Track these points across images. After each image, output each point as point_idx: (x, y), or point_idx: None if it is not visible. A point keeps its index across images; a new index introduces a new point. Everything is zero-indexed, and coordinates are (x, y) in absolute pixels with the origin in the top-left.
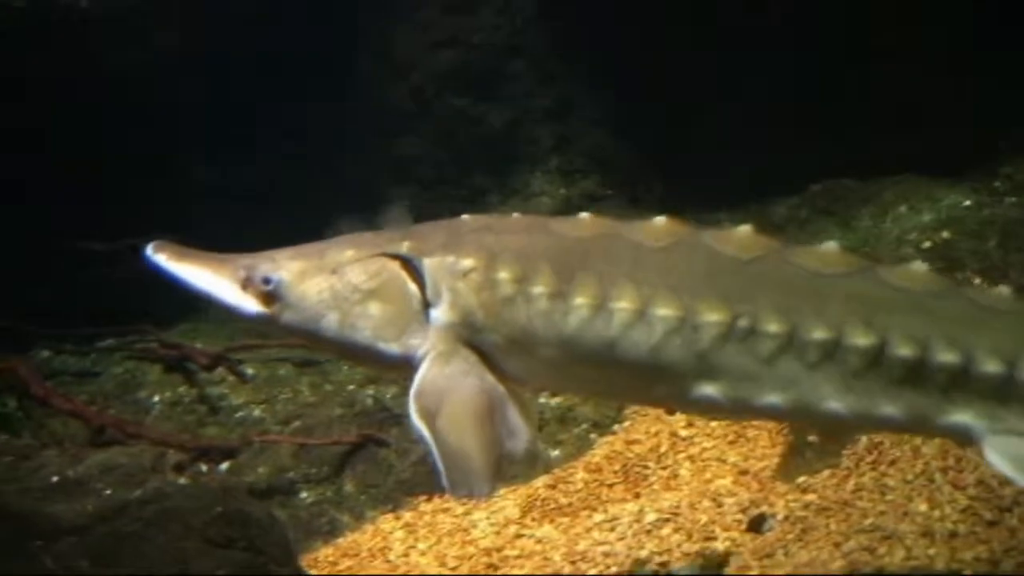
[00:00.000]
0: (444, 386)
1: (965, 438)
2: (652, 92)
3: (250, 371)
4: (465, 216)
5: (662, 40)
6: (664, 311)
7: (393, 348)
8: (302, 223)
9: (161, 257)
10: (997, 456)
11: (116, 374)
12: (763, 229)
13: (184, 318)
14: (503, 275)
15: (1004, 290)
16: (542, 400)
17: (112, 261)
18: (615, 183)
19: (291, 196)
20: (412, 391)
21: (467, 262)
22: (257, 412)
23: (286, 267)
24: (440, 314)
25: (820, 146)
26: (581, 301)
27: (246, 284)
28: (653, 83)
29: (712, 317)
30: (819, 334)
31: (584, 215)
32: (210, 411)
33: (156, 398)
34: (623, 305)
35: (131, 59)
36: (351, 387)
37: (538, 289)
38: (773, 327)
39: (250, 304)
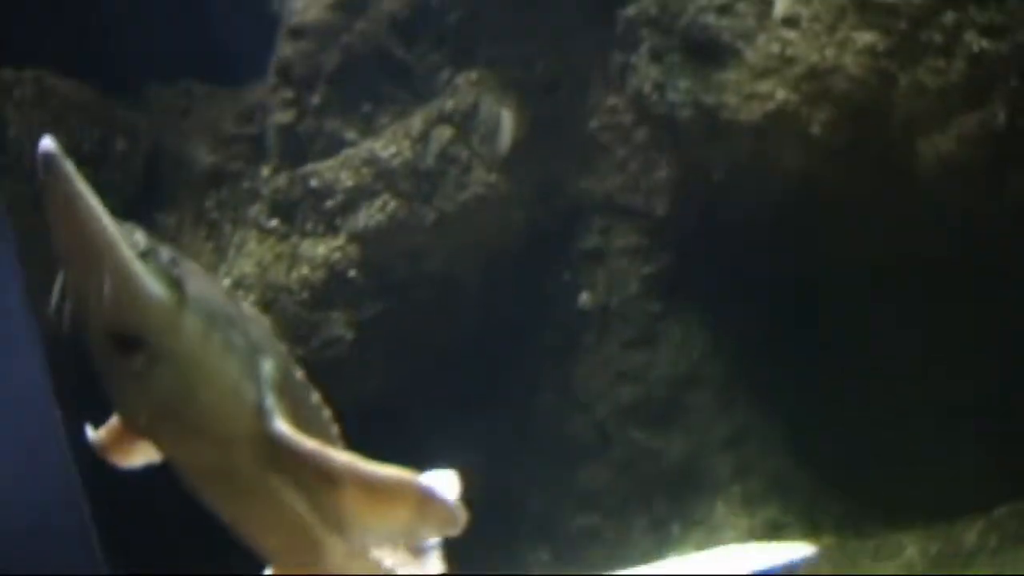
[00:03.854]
0: None
1: None
2: (829, 416)
3: None
4: None
5: (836, 368)
6: None
7: None
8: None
9: None
10: None
11: None
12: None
13: None
14: None
15: None
16: None
17: None
18: (796, 509)
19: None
20: None
21: None
22: None
23: None
24: None
25: (1009, 462)
26: None
27: None
28: (830, 405)
29: None
30: None
31: None
32: None
33: None
34: None
35: None
36: None
37: None
38: None
39: None
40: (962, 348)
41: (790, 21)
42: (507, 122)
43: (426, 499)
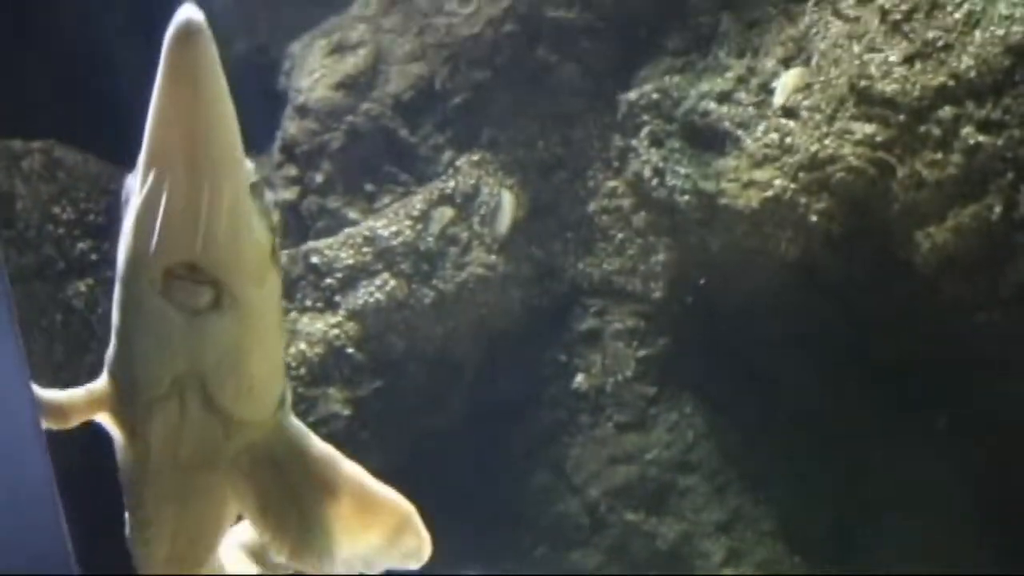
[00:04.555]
0: None
1: None
2: (822, 503)
3: None
4: None
5: (830, 457)
6: None
7: None
8: None
9: None
10: None
11: None
12: None
13: None
14: None
15: None
16: None
17: None
18: None
19: None
20: None
21: None
22: None
23: None
24: None
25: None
26: None
27: None
28: (823, 493)
29: None
30: None
31: None
32: None
33: None
34: None
35: None
36: None
37: None
38: None
39: None
40: (960, 439)
41: (790, 110)
42: (507, 203)
43: (408, 525)
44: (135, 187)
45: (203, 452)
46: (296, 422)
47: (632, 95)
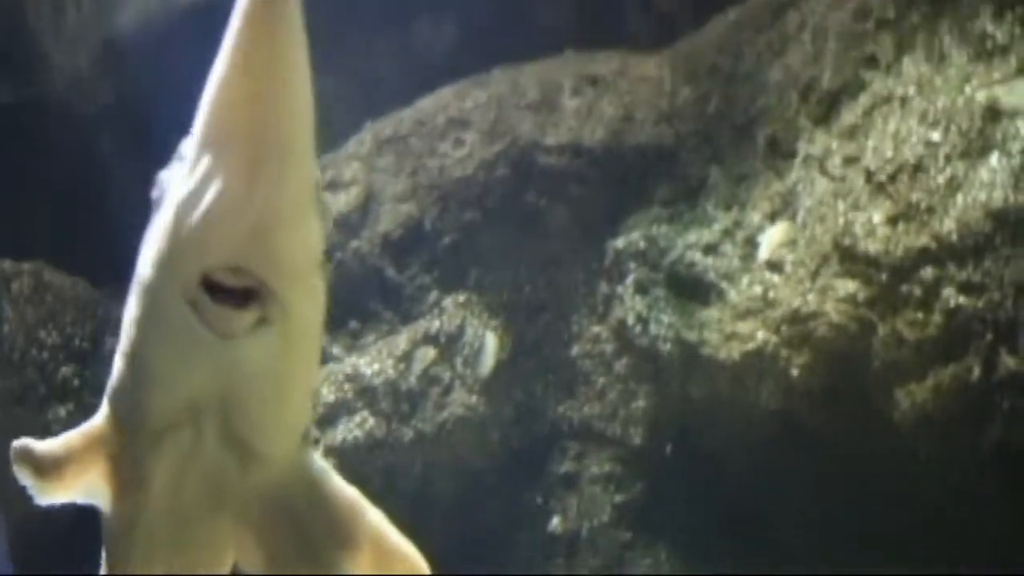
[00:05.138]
0: None
1: None
2: None
3: None
4: None
5: None
6: None
7: None
8: None
9: None
10: None
11: None
12: None
13: None
14: None
15: None
16: None
17: None
18: None
19: None
20: None
21: None
22: None
23: None
24: None
25: None
26: None
27: None
28: None
29: None
30: None
31: None
32: None
33: None
34: None
35: None
36: None
37: None
38: None
39: None
40: None
41: (774, 265)
42: (491, 344)
43: None
44: (178, 174)
45: (211, 494)
46: (319, 459)
47: (619, 243)
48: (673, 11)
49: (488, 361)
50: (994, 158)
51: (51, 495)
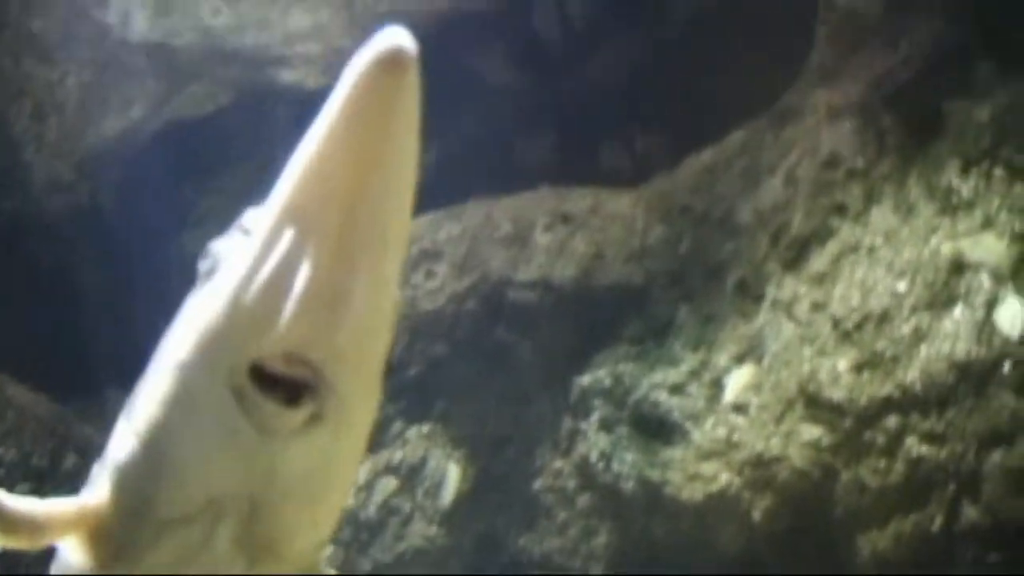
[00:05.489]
0: None
1: None
2: None
3: None
4: None
5: None
6: None
7: None
8: None
9: None
10: None
11: None
12: None
13: None
14: None
15: None
16: None
17: None
18: None
19: None
20: None
21: None
22: None
23: None
24: None
25: None
26: None
27: None
28: None
29: None
30: None
31: None
32: None
33: None
34: None
35: None
36: None
37: None
38: None
39: None
40: None
41: (739, 407)
42: (453, 476)
43: None
44: (239, 246)
45: None
46: (327, 568)
47: (585, 379)
48: (650, 150)
49: (449, 492)
50: (958, 310)
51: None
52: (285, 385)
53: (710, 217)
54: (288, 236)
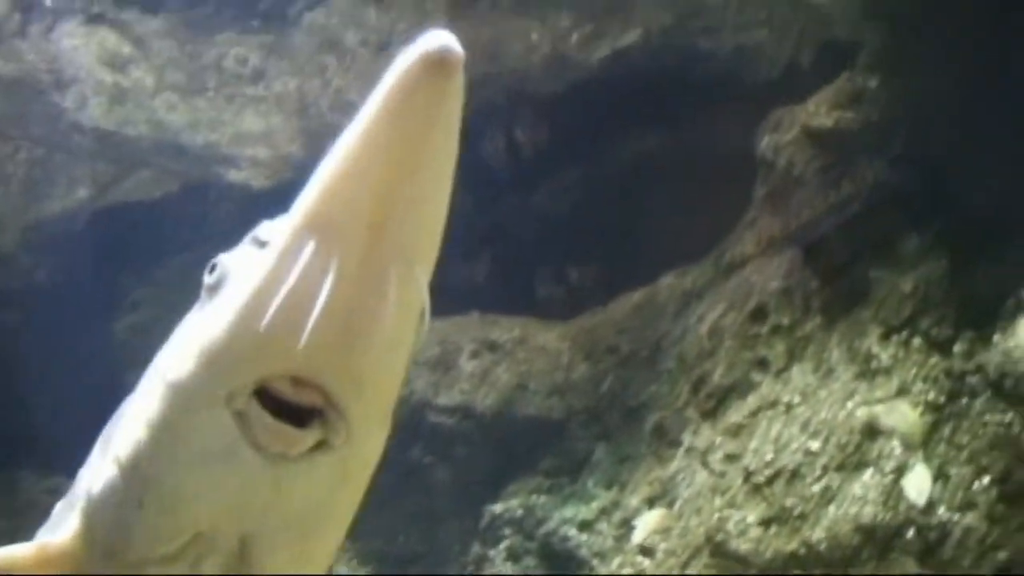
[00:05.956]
0: None
1: None
2: None
3: None
4: None
5: None
6: None
7: None
8: None
9: None
10: None
11: None
12: None
13: None
14: None
15: None
16: None
17: None
18: None
19: None
20: None
21: None
22: None
23: None
24: None
25: None
26: None
27: None
28: None
29: None
30: None
31: None
32: None
33: None
34: None
35: None
36: None
37: None
38: None
39: None
40: None
41: (646, 550)
42: None
43: None
44: (252, 260)
45: None
46: None
47: (498, 507)
48: (584, 282)
49: None
50: (868, 474)
51: None
52: (290, 412)
53: (635, 358)
54: (309, 247)
